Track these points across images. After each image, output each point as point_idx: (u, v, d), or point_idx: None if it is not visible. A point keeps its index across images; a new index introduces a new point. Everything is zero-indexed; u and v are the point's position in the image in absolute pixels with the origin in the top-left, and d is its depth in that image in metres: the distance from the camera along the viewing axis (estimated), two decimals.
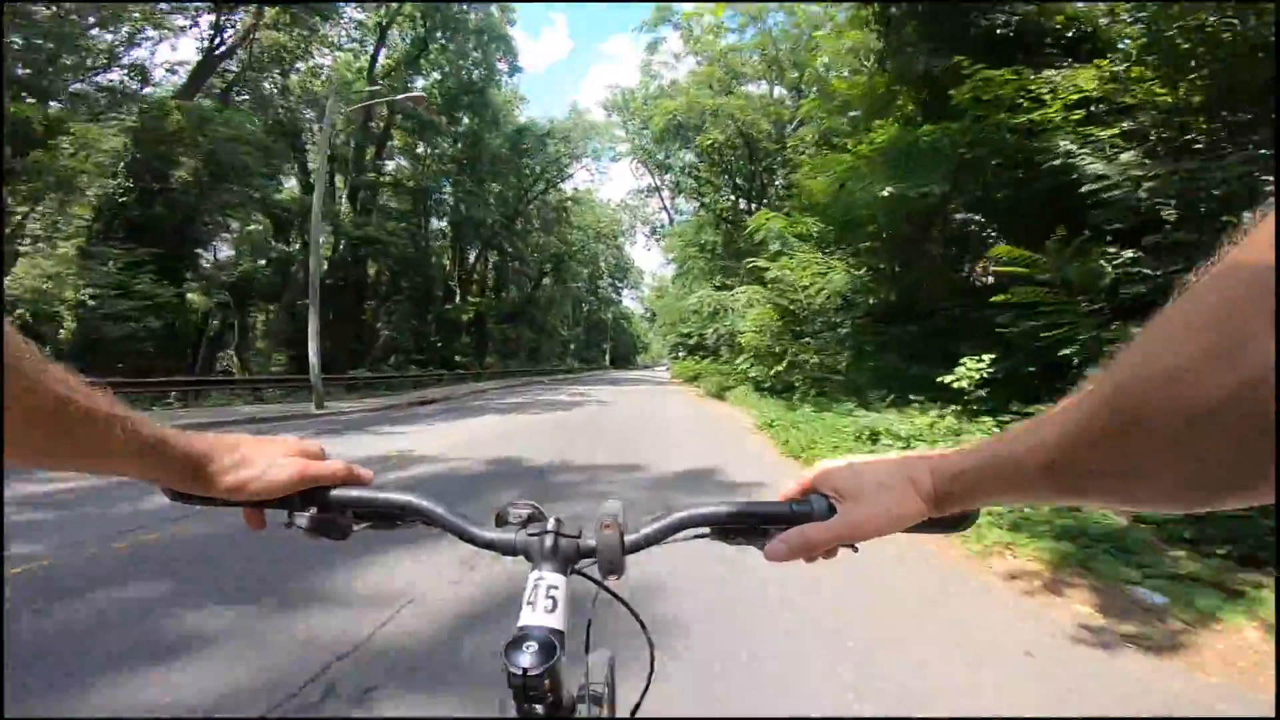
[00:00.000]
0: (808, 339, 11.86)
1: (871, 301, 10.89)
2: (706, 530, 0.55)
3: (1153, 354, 0.29)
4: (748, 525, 0.54)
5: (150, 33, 17.34)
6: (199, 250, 20.06)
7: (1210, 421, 0.27)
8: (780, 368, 12.14)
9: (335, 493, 0.56)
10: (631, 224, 41.82)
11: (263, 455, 0.54)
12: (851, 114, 10.70)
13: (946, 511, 0.47)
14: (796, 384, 11.74)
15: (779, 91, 27.63)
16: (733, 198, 32.43)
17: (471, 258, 41.42)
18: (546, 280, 51.14)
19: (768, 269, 12.80)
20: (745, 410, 14.03)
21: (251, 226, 23.48)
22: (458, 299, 37.20)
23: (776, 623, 2.57)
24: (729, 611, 2.67)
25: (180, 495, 0.53)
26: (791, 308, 12.15)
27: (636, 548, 0.54)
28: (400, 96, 19.29)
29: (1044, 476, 0.37)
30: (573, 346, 70.70)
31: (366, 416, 12.68)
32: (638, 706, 0.63)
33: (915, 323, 9.17)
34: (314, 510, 0.54)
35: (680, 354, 60.49)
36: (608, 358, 77.69)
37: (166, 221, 16.67)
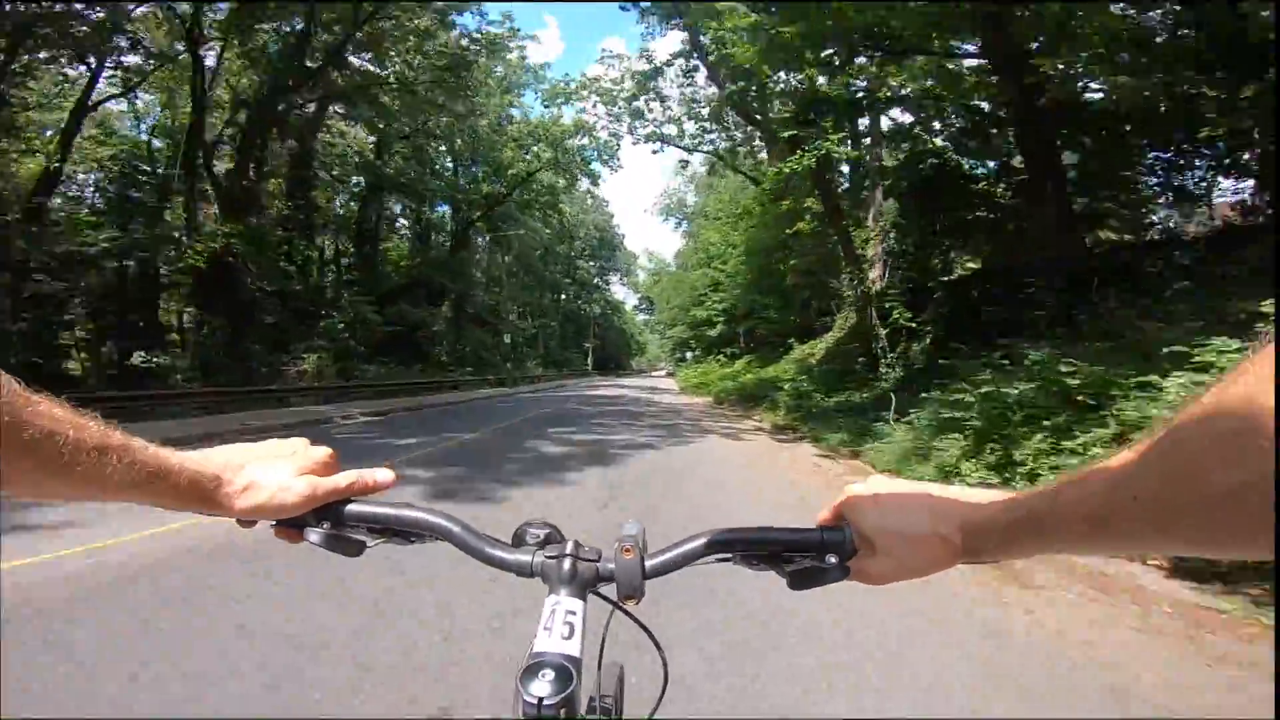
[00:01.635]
0: None
1: None
2: (729, 555, 0.54)
3: (1208, 419, 0.30)
4: (771, 552, 0.53)
5: None
6: None
7: (1254, 489, 0.27)
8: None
9: (351, 508, 0.55)
10: (614, 123, 24.97)
11: (272, 476, 0.53)
12: None
13: (973, 563, 0.47)
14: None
15: None
16: None
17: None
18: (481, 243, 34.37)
19: None
20: None
21: None
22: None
23: None
24: None
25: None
26: None
27: (657, 573, 0.53)
28: None
29: (1092, 532, 0.37)
30: (545, 345, 53.55)
31: None
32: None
33: None
34: (327, 526, 0.54)
35: (687, 355, 43.54)
36: (590, 360, 60.93)
37: None
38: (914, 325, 13.80)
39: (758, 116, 17.26)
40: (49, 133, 19.06)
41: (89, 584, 3.00)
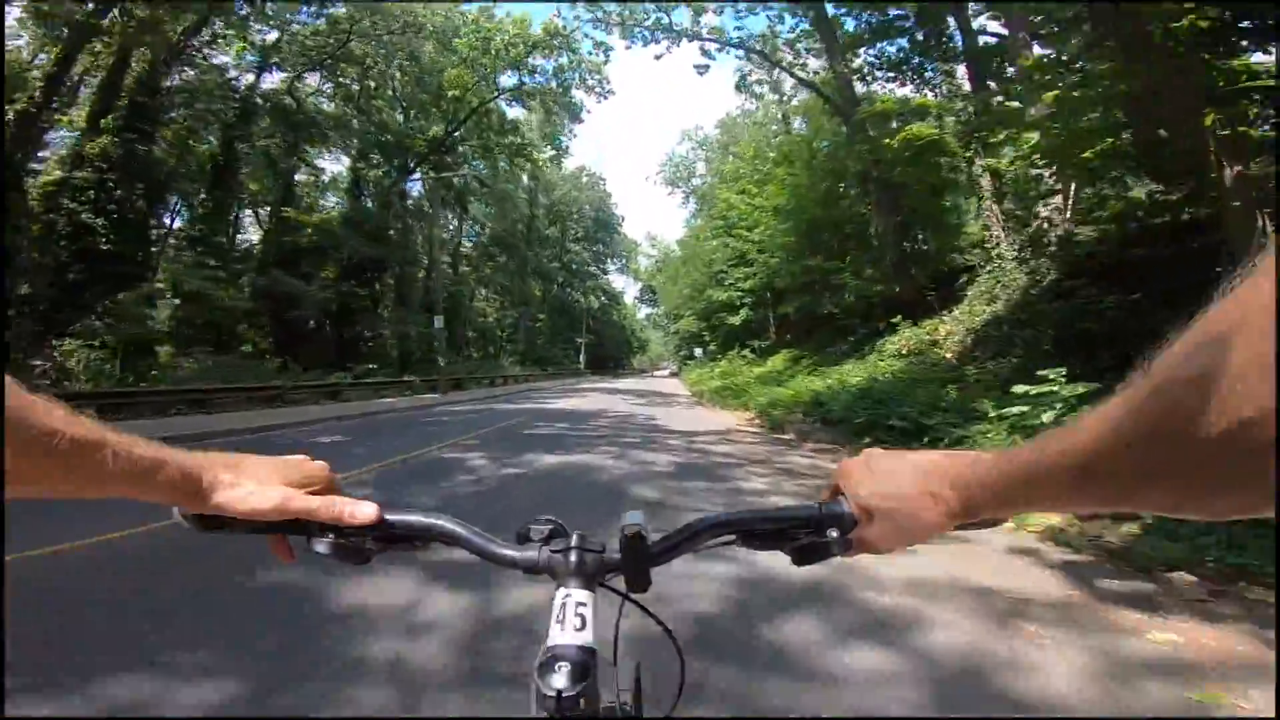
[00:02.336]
0: None
1: None
2: (732, 537, 0.54)
3: (1192, 357, 0.28)
4: (773, 531, 0.53)
5: None
6: None
7: (1250, 429, 0.26)
8: None
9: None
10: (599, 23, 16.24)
11: (255, 477, 0.52)
12: None
13: (969, 522, 0.46)
14: None
15: None
16: None
17: None
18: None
19: None
20: None
21: None
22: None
23: None
24: None
25: (198, 521, 0.53)
26: None
27: (661, 557, 0.53)
28: None
29: (1078, 483, 0.36)
30: (528, 339, 44.77)
31: None
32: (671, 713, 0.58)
33: None
34: (332, 536, 0.53)
35: (697, 352, 34.78)
36: (582, 358, 51.98)
37: None
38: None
39: None
40: None
41: None
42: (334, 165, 27.00)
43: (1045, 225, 11.40)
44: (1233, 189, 5.96)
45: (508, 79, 24.60)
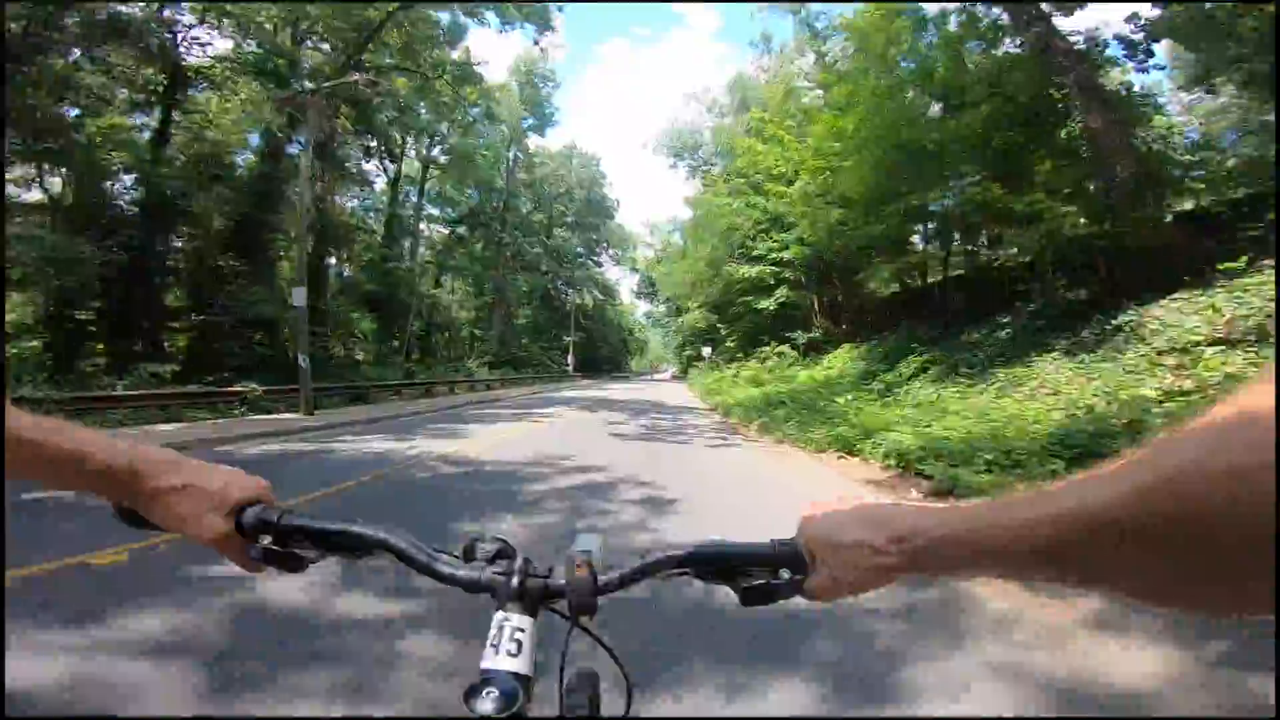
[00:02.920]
0: None
1: None
2: (685, 570, 0.53)
3: (1204, 446, 0.26)
4: (725, 567, 0.52)
5: None
6: None
7: (1260, 523, 0.24)
8: None
9: (292, 523, 0.54)
10: None
11: (202, 494, 0.52)
12: None
13: (921, 575, 0.43)
14: None
15: None
16: None
17: None
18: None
19: None
20: None
21: None
22: None
23: None
24: None
25: (131, 518, 0.53)
26: None
27: (609, 589, 0.51)
28: None
29: (1039, 559, 0.33)
30: (503, 336, 37.44)
31: None
32: None
33: None
34: (269, 541, 0.53)
35: (707, 352, 27.71)
36: (570, 359, 44.24)
37: None
38: None
39: None
40: None
41: None
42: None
43: None
44: None
45: None
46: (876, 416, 7.52)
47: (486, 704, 0.43)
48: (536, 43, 22.31)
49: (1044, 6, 9.70)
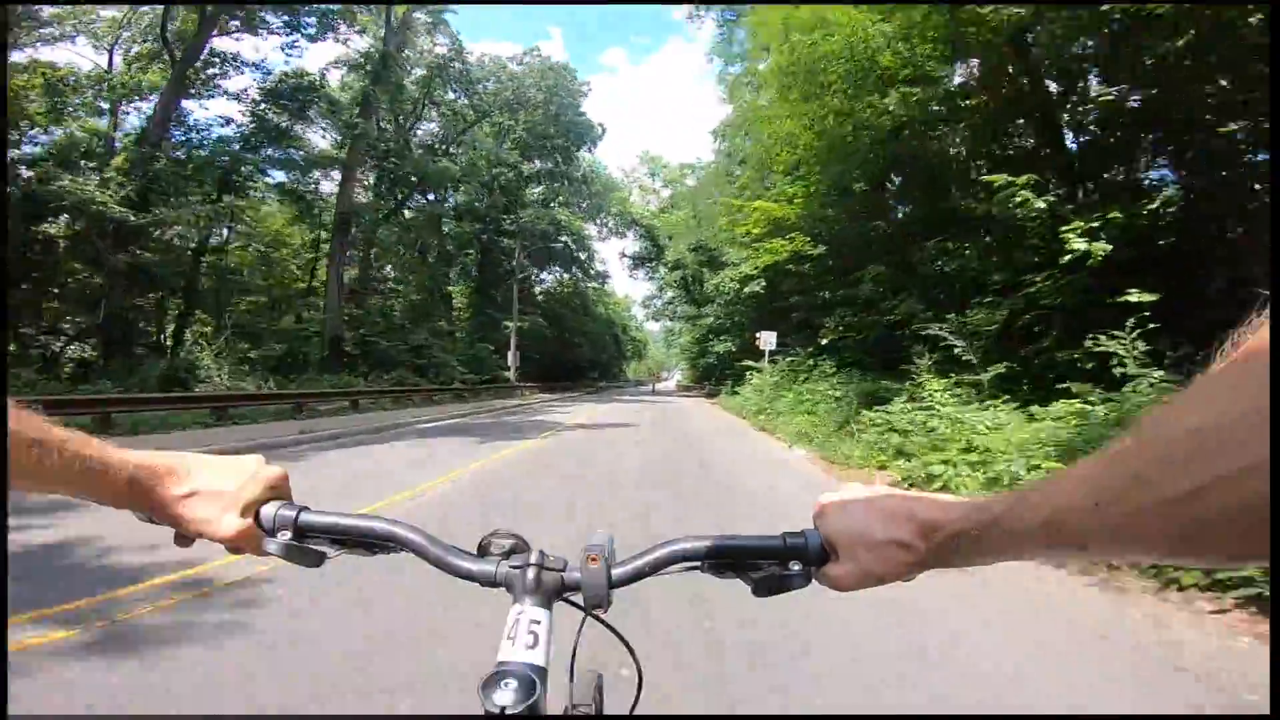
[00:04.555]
0: None
1: None
2: (696, 564, 0.54)
3: (1186, 411, 0.29)
4: (738, 560, 0.53)
5: None
6: None
7: (1248, 478, 0.25)
8: None
9: (309, 519, 0.55)
10: None
11: (214, 497, 0.52)
12: None
13: (941, 567, 0.46)
14: None
15: None
16: None
17: None
18: None
19: None
20: None
21: None
22: None
23: None
24: None
25: (151, 519, 0.53)
26: None
27: (622, 582, 0.52)
28: None
29: (1047, 537, 0.36)
30: (364, 338, 20.69)
31: None
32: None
33: None
34: (286, 536, 0.54)
35: (769, 343, 13.86)
36: (512, 359, 27.22)
37: None
38: None
39: None
40: None
41: None
42: None
43: None
44: None
45: None
46: None
47: (505, 695, 0.43)
48: None
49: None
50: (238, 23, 17.86)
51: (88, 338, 15.96)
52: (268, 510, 0.54)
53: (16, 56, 14.07)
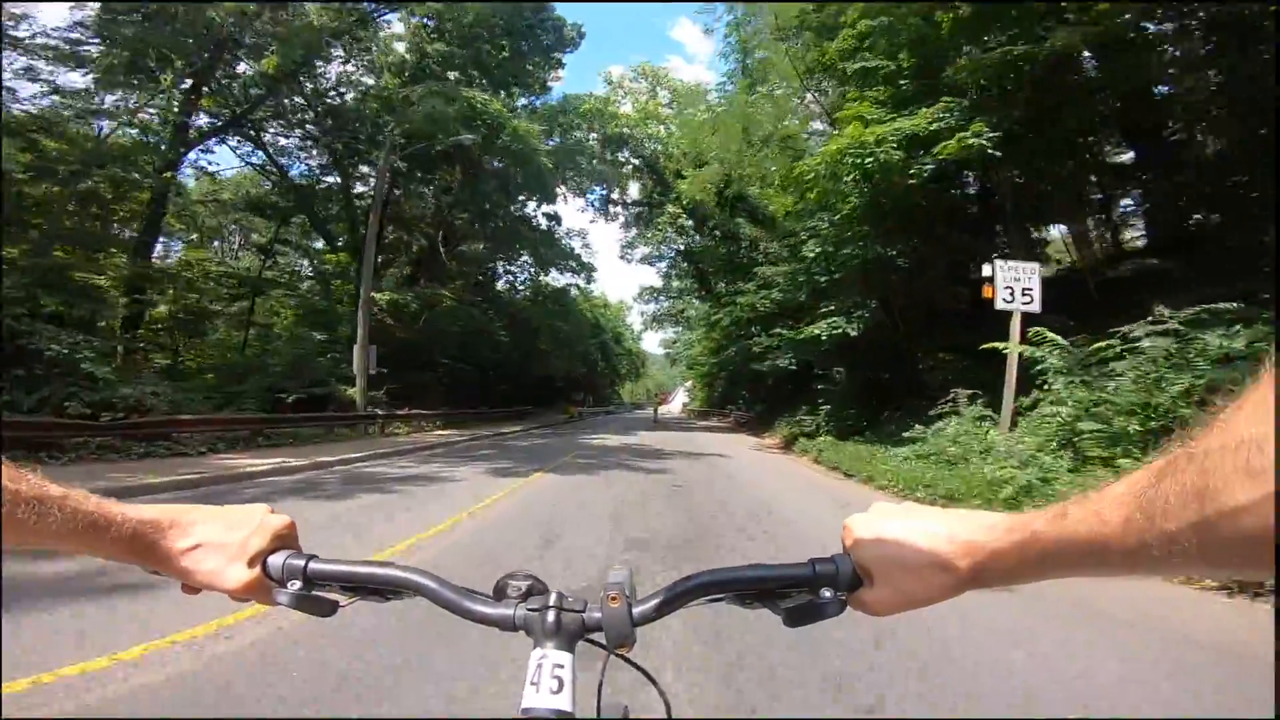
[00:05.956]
0: None
1: None
2: (722, 596, 0.52)
3: (1235, 426, 0.28)
4: (764, 590, 0.51)
5: None
6: None
7: (1259, 504, 0.26)
8: None
9: (319, 567, 0.54)
10: None
11: (219, 549, 0.52)
12: None
13: (981, 588, 0.45)
14: None
15: None
16: None
17: None
18: None
19: None
20: None
21: None
22: None
23: None
24: None
25: (157, 571, 0.53)
26: None
27: (646, 619, 0.51)
28: None
29: (1094, 554, 0.36)
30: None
31: None
32: None
33: None
34: (297, 585, 0.53)
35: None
36: (359, 369, 12.90)
37: None
38: None
39: None
40: None
41: None
42: None
43: None
44: None
45: None
46: None
47: None
48: None
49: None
50: None
51: None
52: (275, 560, 0.53)
53: None
